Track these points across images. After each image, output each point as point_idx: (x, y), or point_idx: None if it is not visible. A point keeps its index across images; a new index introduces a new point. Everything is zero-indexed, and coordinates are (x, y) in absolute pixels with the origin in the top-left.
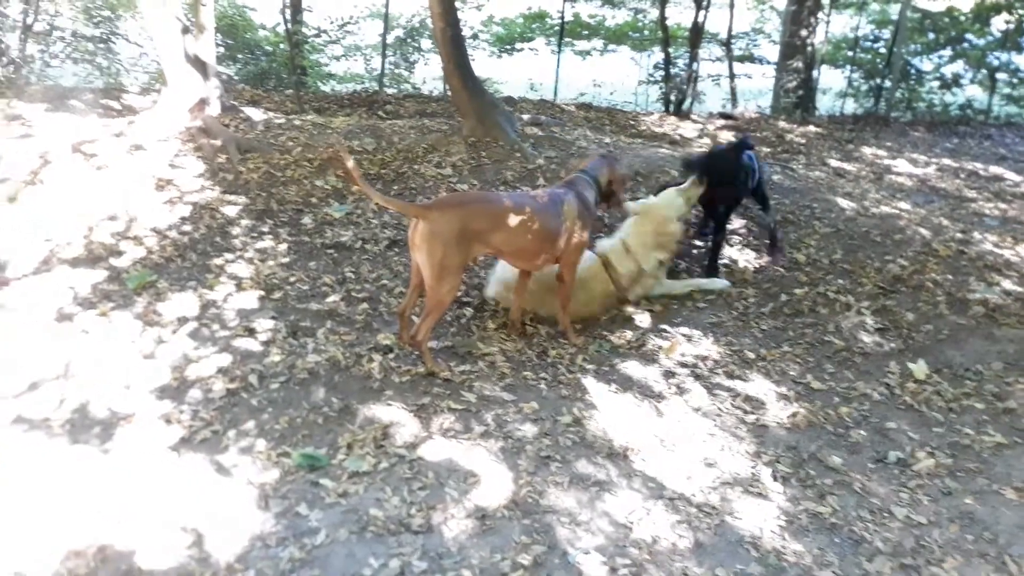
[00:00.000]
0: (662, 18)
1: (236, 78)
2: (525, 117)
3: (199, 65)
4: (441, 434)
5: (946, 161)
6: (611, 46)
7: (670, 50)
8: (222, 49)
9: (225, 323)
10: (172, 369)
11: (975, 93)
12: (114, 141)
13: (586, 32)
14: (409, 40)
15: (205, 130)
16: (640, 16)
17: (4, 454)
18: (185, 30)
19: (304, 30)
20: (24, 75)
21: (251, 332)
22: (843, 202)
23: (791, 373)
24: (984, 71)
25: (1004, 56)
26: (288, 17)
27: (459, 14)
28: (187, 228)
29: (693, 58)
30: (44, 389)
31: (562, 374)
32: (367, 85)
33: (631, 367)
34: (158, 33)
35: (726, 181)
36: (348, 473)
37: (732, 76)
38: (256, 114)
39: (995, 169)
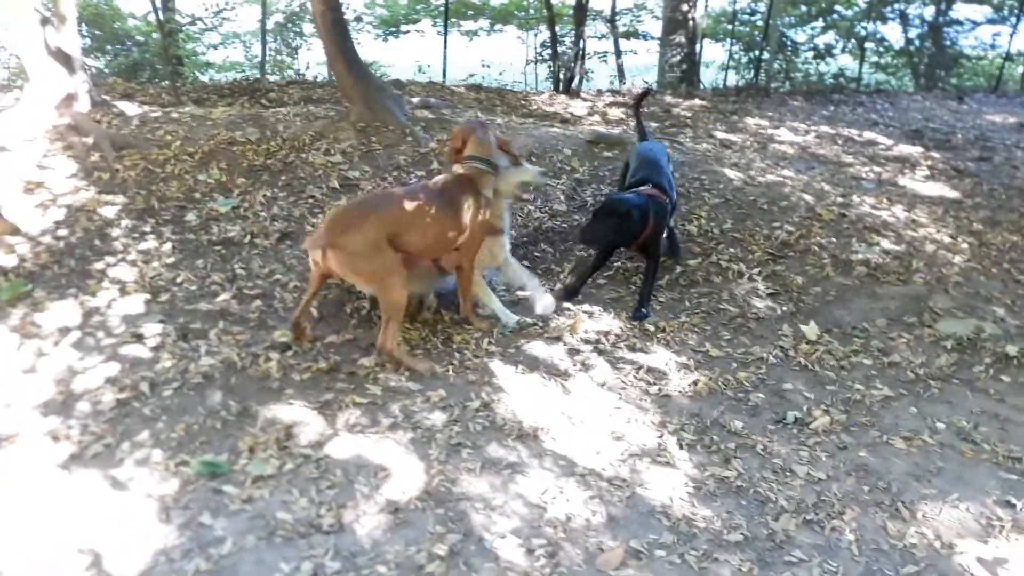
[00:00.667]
0: None
1: (107, 71)
2: (415, 100)
3: (63, 58)
4: (347, 430)
5: (824, 128)
6: (497, 26)
7: (556, 29)
8: (89, 41)
9: (110, 330)
10: (56, 383)
11: (847, 62)
12: None
13: (471, 12)
14: (290, 25)
15: (75, 127)
16: None
17: None
18: (45, 21)
19: (177, 18)
20: None
21: (139, 338)
22: (730, 172)
23: (690, 343)
24: (853, 41)
25: (871, 27)
26: (159, 5)
27: None
28: (62, 232)
29: (579, 36)
30: None
31: (468, 359)
32: (247, 73)
33: (536, 347)
34: (15, 25)
35: (627, 237)
36: (252, 478)
37: (618, 53)
38: (130, 108)
39: (868, 134)
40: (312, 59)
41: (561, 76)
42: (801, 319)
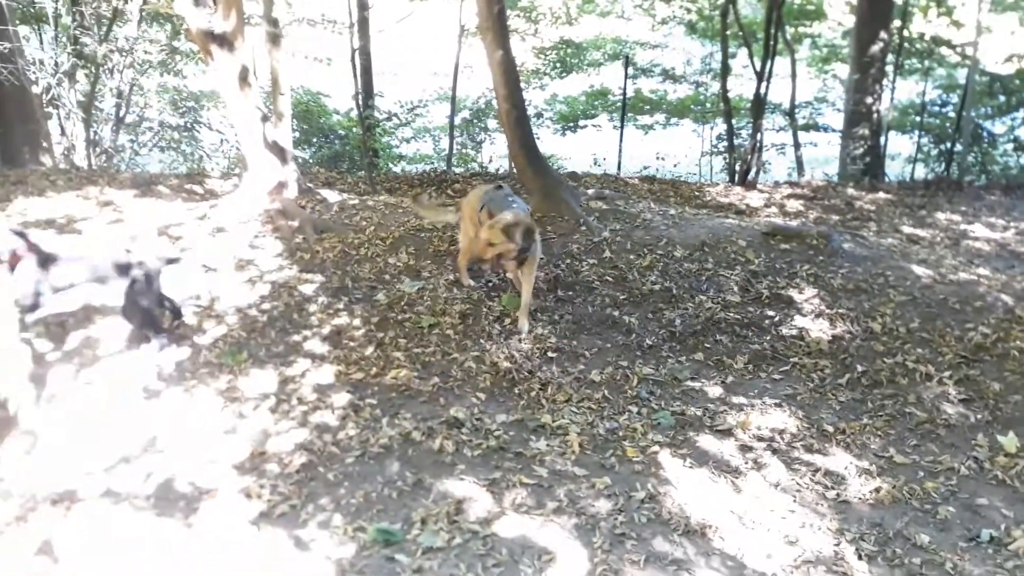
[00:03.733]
0: (724, 91)
1: (311, 161)
2: (590, 191)
3: (277, 150)
4: (514, 509)
5: None
6: (673, 119)
7: (733, 121)
8: (298, 134)
9: (303, 398)
10: (252, 443)
11: None
12: (197, 224)
13: (648, 107)
14: (475, 121)
15: (283, 212)
16: (701, 90)
17: (94, 527)
18: (264, 118)
19: (376, 114)
20: (115, 163)
21: (328, 407)
22: (918, 269)
23: (872, 446)
24: None
25: None
26: (360, 102)
27: (523, 94)
28: (266, 306)
29: (756, 129)
30: (132, 463)
31: (633, 449)
32: (435, 165)
33: (705, 441)
34: (239, 121)
35: None
36: (422, 548)
37: (797, 145)
38: (331, 195)
39: None
40: (495, 152)
41: (737, 168)
42: (998, 429)
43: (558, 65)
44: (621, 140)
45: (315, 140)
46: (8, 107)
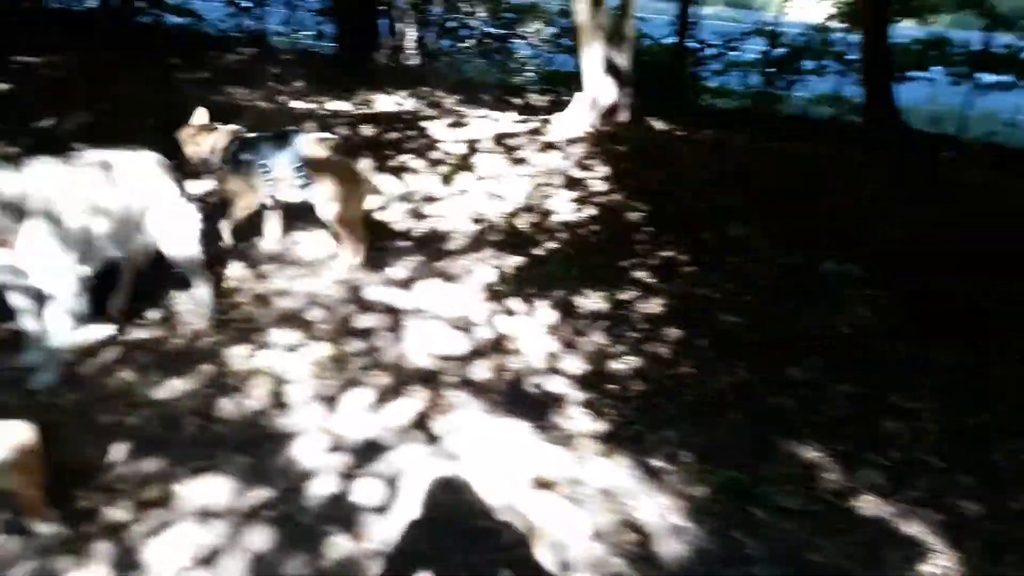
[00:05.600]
0: None
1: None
2: None
3: (615, 73)
4: (869, 490)
5: None
6: None
7: None
8: None
9: (633, 325)
10: (590, 361)
11: None
12: (530, 138)
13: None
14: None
15: (613, 135)
16: None
17: (459, 413)
18: (610, 39)
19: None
20: (437, 67)
21: (660, 339)
22: None
23: None
24: None
25: None
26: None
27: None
28: (595, 227)
29: None
30: (484, 359)
31: (1003, 452)
32: (741, 103)
33: None
34: (586, 41)
35: None
36: (777, 507)
37: None
38: (658, 124)
39: None
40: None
41: None
42: None
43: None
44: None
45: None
46: (346, 2)
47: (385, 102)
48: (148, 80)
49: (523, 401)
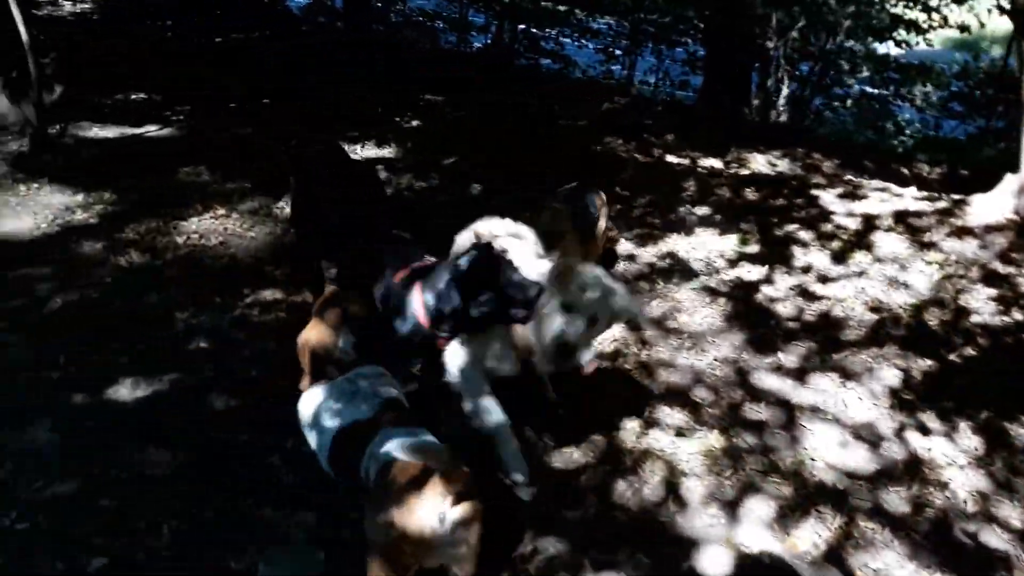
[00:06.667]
0: None
1: None
2: None
3: None
4: None
5: None
6: None
7: None
8: None
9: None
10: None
11: None
12: (939, 218)
13: None
14: None
15: None
16: None
17: (870, 553)
18: None
19: None
20: (809, 125)
21: None
22: None
23: None
24: None
25: None
26: None
27: None
28: (1022, 335)
29: None
30: (898, 485)
31: None
32: None
33: None
34: None
35: None
36: None
37: None
38: None
39: None
40: None
41: None
42: None
43: None
44: None
45: None
46: (722, 54)
47: (759, 161)
48: (534, 122)
49: (954, 552)
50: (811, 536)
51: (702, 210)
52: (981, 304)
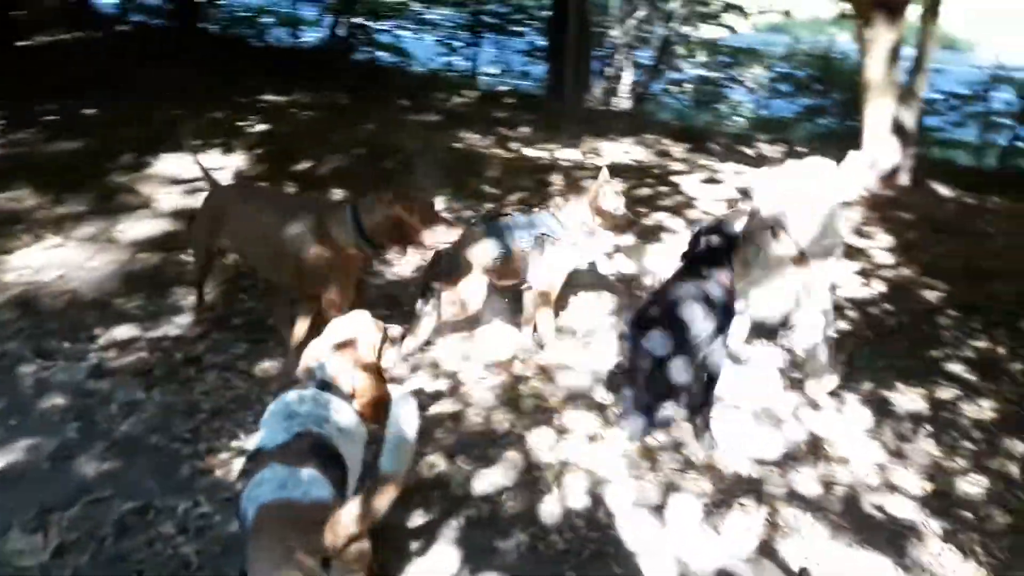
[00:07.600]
0: None
1: None
2: None
3: (900, 132)
4: None
5: None
6: None
7: None
8: None
9: (966, 433)
10: (928, 478)
11: None
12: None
13: None
14: None
15: (895, 201)
16: None
17: (797, 541)
18: (902, 96)
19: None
20: (648, 109)
21: (1007, 455)
22: None
23: None
24: None
25: None
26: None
27: None
28: (888, 307)
29: None
30: (805, 467)
31: None
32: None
33: None
34: (874, 98)
35: None
36: None
37: None
38: (943, 190)
39: None
40: None
41: None
42: None
43: None
44: None
45: None
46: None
47: (612, 150)
48: (384, 121)
49: (869, 527)
50: (740, 531)
51: None
52: (846, 278)
